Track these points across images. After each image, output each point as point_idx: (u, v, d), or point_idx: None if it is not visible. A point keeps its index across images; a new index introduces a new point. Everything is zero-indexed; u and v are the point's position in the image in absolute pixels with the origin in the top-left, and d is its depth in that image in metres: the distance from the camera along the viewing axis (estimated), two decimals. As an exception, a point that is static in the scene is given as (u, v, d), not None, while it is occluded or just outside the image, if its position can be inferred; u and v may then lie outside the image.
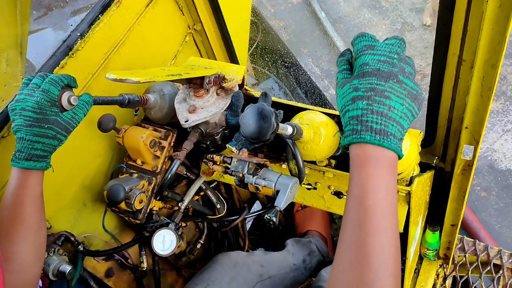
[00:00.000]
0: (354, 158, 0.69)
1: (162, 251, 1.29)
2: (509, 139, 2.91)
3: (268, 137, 0.83)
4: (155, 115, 1.20)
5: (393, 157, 0.68)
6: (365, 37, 0.74)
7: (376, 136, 0.66)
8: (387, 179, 0.67)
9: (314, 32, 3.87)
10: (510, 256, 1.74)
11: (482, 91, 1.02)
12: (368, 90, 0.68)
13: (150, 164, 1.22)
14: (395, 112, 0.68)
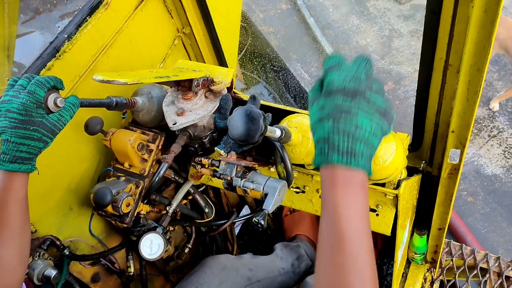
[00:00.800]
0: (324, 180, 0.69)
1: (150, 255, 1.27)
2: (495, 144, 2.95)
3: (256, 140, 0.83)
4: (143, 118, 1.20)
5: (362, 177, 0.68)
6: (333, 57, 0.72)
7: (343, 157, 0.66)
8: (358, 199, 0.67)
9: (303, 38, 3.90)
10: (496, 260, 1.75)
11: (468, 95, 1.03)
12: (334, 109, 0.67)
13: (138, 167, 1.21)
14: (363, 130, 0.67)
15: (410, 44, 3.57)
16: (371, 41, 3.70)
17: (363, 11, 3.93)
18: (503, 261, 1.75)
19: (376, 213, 1.14)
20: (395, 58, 3.54)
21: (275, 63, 3.85)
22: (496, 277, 1.72)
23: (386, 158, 0.99)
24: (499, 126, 3.00)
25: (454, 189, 1.30)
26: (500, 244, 2.58)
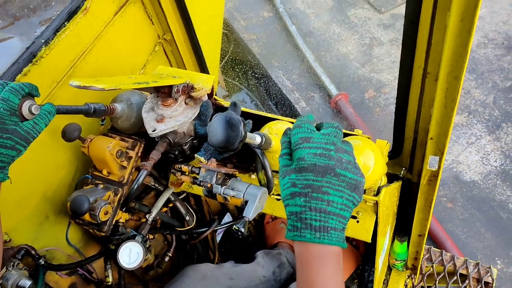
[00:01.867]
0: (298, 255, 0.70)
1: (128, 264, 1.25)
2: (473, 151, 3.00)
3: (236, 146, 0.83)
4: (122, 125, 1.18)
5: (336, 251, 0.69)
6: (302, 128, 0.73)
7: (316, 234, 0.67)
8: (332, 274, 0.68)
9: (285, 46, 3.91)
10: (475, 266, 1.78)
11: (446, 103, 1.04)
12: (306, 187, 0.68)
13: (117, 174, 1.19)
14: (334, 206, 0.68)
15: (390, 52, 3.62)
16: (352, 49, 3.74)
17: (344, 20, 3.98)
18: (482, 267, 1.77)
19: (357, 220, 1.14)
20: (376, 66, 3.58)
21: (256, 70, 3.86)
22: (476, 283, 1.74)
23: (366, 171, 1.00)
24: (477, 133, 3.05)
25: (433, 196, 1.32)
26: (479, 249, 2.61)
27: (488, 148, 2.99)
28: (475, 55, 3.44)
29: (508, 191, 2.79)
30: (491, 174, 2.88)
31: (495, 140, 3.02)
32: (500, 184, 2.83)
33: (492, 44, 3.47)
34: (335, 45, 3.81)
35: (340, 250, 0.70)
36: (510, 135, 3.01)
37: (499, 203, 2.76)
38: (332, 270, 0.68)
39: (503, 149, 2.97)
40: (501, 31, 3.54)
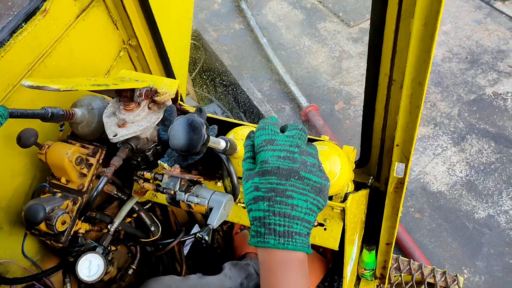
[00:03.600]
0: (261, 262, 0.68)
1: (88, 277, 1.19)
2: (440, 162, 3.06)
3: (198, 149, 0.80)
4: (83, 131, 1.13)
5: (301, 257, 0.66)
6: (265, 130, 0.70)
7: (280, 240, 0.64)
8: (297, 280, 0.66)
9: (256, 58, 3.93)
10: (442, 275, 1.79)
11: (411, 109, 1.05)
12: (269, 191, 0.66)
13: (76, 182, 1.14)
14: (299, 210, 0.66)
15: (359, 65, 3.68)
16: (322, 61, 3.78)
17: (314, 33, 4.03)
18: (449, 275, 1.79)
19: (324, 228, 1.13)
20: (345, 78, 3.63)
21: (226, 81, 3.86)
22: (443, 291, 1.75)
23: (332, 176, 0.98)
24: (443, 145, 3.12)
25: (400, 203, 1.32)
26: (446, 259, 2.64)
27: (454, 159, 3.06)
28: (440, 68, 3.54)
29: (473, 201, 2.85)
30: (457, 185, 2.94)
31: (460, 151, 3.09)
32: (466, 195, 2.89)
33: (457, 59, 3.58)
34: (306, 57, 3.85)
35: (305, 256, 0.67)
36: (474, 147, 3.09)
37: (464, 213, 2.82)
38: (297, 277, 0.65)
39: (468, 160, 3.04)
40: (465, 46, 3.65)
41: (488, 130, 3.15)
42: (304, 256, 0.67)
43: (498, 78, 3.41)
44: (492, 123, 3.18)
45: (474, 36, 3.71)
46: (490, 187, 2.90)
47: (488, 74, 3.44)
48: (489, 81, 3.40)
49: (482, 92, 3.35)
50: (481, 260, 2.62)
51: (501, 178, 2.91)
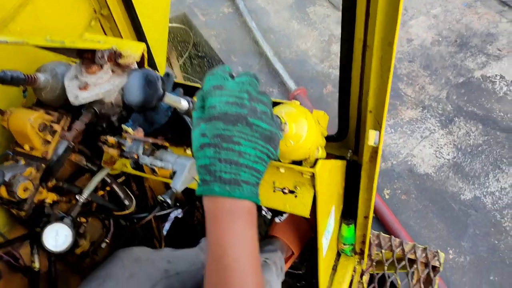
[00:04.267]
0: (207, 212, 0.65)
1: (55, 247, 1.17)
2: (427, 145, 3.04)
3: (154, 104, 0.77)
4: (47, 97, 1.10)
5: (248, 206, 0.64)
6: (214, 76, 0.67)
7: (225, 187, 0.62)
8: (244, 231, 0.63)
9: (245, 41, 3.89)
10: (423, 251, 1.78)
11: (382, 72, 1.02)
12: (215, 137, 0.63)
13: (40, 150, 1.11)
14: (247, 158, 0.63)
15: (348, 49, 3.65)
16: (311, 45, 3.74)
17: (303, 17, 3.99)
18: (430, 251, 1.78)
19: (295, 195, 1.11)
20: (334, 62, 3.60)
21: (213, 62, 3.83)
22: (423, 267, 1.74)
23: (298, 139, 0.95)
24: (431, 128, 3.10)
25: (375, 174, 1.30)
26: (431, 239, 2.63)
27: (441, 141, 3.05)
28: (430, 52, 3.51)
29: (460, 183, 2.84)
30: (444, 167, 2.93)
31: (448, 134, 3.08)
32: (452, 176, 2.88)
33: (446, 42, 3.56)
34: (295, 41, 3.81)
35: (254, 207, 0.65)
36: (462, 129, 3.07)
37: (451, 195, 2.81)
38: (244, 227, 0.63)
39: (455, 142, 3.02)
40: (454, 30, 3.63)
41: (476, 112, 3.14)
42: (252, 206, 0.64)
43: (487, 61, 3.38)
44: (480, 105, 3.16)
45: (464, 19, 3.68)
46: (477, 169, 2.89)
47: (477, 57, 3.41)
48: (478, 64, 3.37)
49: (470, 75, 3.33)
50: (467, 240, 2.61)
51: (488, 160, 2.90)
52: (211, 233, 0.64)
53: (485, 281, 2.44)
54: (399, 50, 3.56)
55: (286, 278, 1.67)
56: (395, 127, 3.14)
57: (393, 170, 2.96)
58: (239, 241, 0.62)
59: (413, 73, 3.41)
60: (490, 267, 2.48)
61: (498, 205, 2.71)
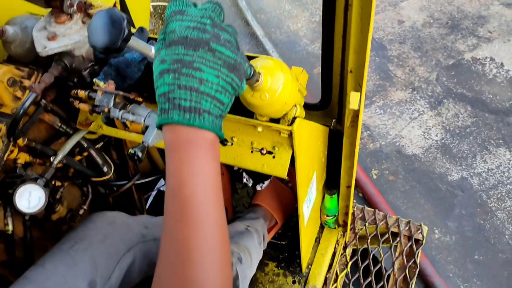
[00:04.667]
0: (166, 143, 0.61)
1: (28, 208, 1.14)
2: (416, 126, 3.03)
3: (118, 45, 0.73)
4: (16, 51, 1.07)
5: (210, 138, 0.61)
6: (176, 2, 0.64)
7: (185, 115, 0.58)
8: (204, 164, 0.60)
9: (235, 22, 3.84)
10: (407, 224, 1.77)
11: (362, 26, 0.99)
12: (175, 62, 0.60)
13: (9, 106, 1.07)
14: (209, 86, 0.60)
15: (339, 30, 3.61)
16: (302, 26, 3.71)
17: (295, -2, 3.95)
18: (413, 225, 1.77)
19: (273, 155, 1.08)
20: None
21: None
22: (407, 241, 1.73)
23: (273, 93, 0.92)
24: (420, 109, 3.09)
25: (356, 139, 1.28)
26: (418, 219, 2.63)
27: (430, 123, 3.03)
28: (421, 34, 3.48)
29: (447, 163, 2.84)
30: (432, 148, 2.92)
31: (437, 115, 3.06)
32: (440, 158, 2.87)
33: (437, 24, 3.53)
34: (285, 21, 3.77)
35: (216, 139, 0.62)
36: (451, 111, 3.06)
37: (438, 176, 2.80)
38: (205, 159, 0.59)
39: (444, 124, 3.01)
40: (446, 11, 3.60)
41: (465, 94, 3.12)
42: (214, 139, 0.61)
43: (477, 43, 3.37)
44: (470, 87, 3.15)
45: (456, 1, 3.65)
46: (465, 150, 2.88)
47: (468, 39, 3.39)
48: (468, 46, 3.36)
49: (461, 57, 3.31)
50: (453, 221, 2.61)
51: (476, 142, 2.90)
52: (169, 164, 0.60)
53: (470, 260, 2.45)
54: (390, 32, 3.53)
55: (268, 249, 1.65)
56: (384, 108, 3.13)
57: (381, 151, 2.95)
58: (199, 173, 0.59)
59: (403, 55, 3.38)
60: (475, 246, 2.49)
61: (484, 186, 2.71)
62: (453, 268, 2.41)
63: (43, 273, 1.02)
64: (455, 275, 2.39)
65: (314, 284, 1.59)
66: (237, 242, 1.34)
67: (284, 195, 1.64)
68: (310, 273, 1.61)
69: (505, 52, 3.28)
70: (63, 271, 1.03)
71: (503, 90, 3.09)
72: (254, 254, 1.37)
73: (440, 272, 2.37)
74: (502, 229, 2.52)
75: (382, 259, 1.68)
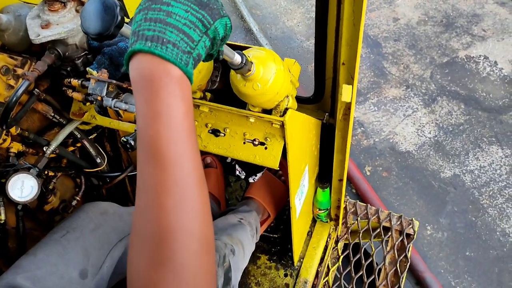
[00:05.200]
0: (132, 83, 0.58)
1: (20, 198, 1.14)
2: (410, 123, 3.05)
3: (111, 31, 0.74)
4: (10, 39, 1.06)
5: (175, 75, 0.56)
6: None
7: (147, 43, 0.55)
8: (168, 101, 0.55)
9: (231, 17, 3.82)
10: (398, 219, 1.78)
11: (355, 19, 1.00)
12: (146, 1, 0.59)
13: (3, 95, 1.07)
14: (176, 18, 0.57)
15: (335, 27, 3.62)
16: (297, 22, 3.71)
17: (291, -5, 3.95)
18: (405, 219, 1.78)
19: (265, 147, 1.09)
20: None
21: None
22: (398, 235, 1.75)
23: (265, 83, 0.93)
24: (414, 106, 3.11)
25: (348, 132, 1.29)
26: (410, 216, 2.61)
27: (424, 120, 3.05)
28: (415, 31, 3.50)
29: (440, 161, 2.86)
30: (425, 145, 2.94)
31: (430, 112, 3.08)
32: (433, 155, 2.89)
33: (432, 22, 3.55)
34: (281, 17, 3.78)
35: (184, 78, 0.57)
36: (444, 108, 3.08)
37: (431, 173, 2.82)
38: (168, 95, 0.54)
39: (437, 121, 3.03)
40: (441, 10, 3.62)
41: (459, 92, 3.14)
42: (180, 76, 0.57)
43: (471, 41, 3.39)
44: (463, 85, 3.17)
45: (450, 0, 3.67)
46: (458, 147, 2.90)
47: (462, 38, 3.41)
48: (462, 44, 3.38)
49: (455, 55, 3.33)
50: (445, 217, 2.63)
51: (469, 139, 2.92)
52: (136, 104, 0.57)
53: (461, 257, 2.47)
54: (385, 29, 3.55)
55: (260, 242, 1.66)
56: (379, 105, 3.14)
57: (375, 148, 2.96)
58: (163, 111, 0.54)
59: (398, 52, 3.40)
60: (466, 243, 2.51)
61: (476, 183, 2.73)
62: (445, 264, 2.43)
63: (34, 261, 1.02)
64: (446, 271, 2.41)
65: (306, 277, 1.60)
66: (230, 234, 1.35)
67: (277, 188, 1.64)
68: (302, 266, 1.62)
69: (499, 51, 3.30)
70: (54, 260, 1.04)
71: (497, 89, 3.11)
72: (247, 246, 1.38)
73: (431, 268, 2.39)
74: (494, 226, 2.54)
75: (373, 253, 1.69)
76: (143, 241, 0.54)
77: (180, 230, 0.53)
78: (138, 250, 0.55)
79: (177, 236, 0.53)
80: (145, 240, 0.54)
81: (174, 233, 0.53)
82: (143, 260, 0.54)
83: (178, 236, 0.53)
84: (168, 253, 0.52)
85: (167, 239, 0.53)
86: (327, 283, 1.65)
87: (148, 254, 0.54)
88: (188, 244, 0.54)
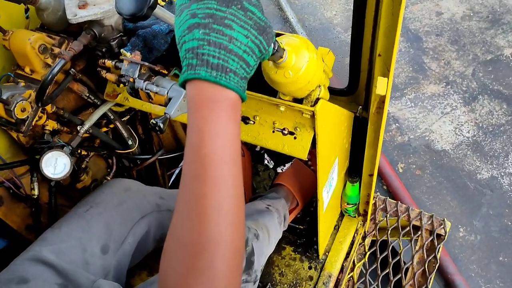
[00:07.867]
0: (189, 99, 0.60)
1: (53, 174, 1.17)
2: (447, 121, 2.95)
3: (145, 11, 0.74)
4: (49, 19, 1.09)
5: (233, 98, 0.59)
6: None
7: (212, 72, 0.57)
8: (226, 123, 0.59)
9: (269, 7, 3.81)
10: (429, 218, 1.73)
11: (393, 8, 0.97)
12: (207, 16, 0.58)
13: (40, 73, 1.10)
14: (237, 45, 0.59)
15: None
16: (336, 13, 3.65)
17: (331, -15, 3.88)
18: (436, 219, 1.73)
19: (294, 136, 1.07)
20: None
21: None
22: (428, 235, 1.70)
23: (297, 71, 0.91)
24: (453, 104, 3.00)
25: (381, 127, 1.25)
26: (443, 216, 2.55)
27: (462, 119, 2.95)
28: (459, 26, 3.37)
29: (477, 161, 2.76)
30: (463, 145, 2.84)
31: (470, 111, 2.97)
32: (471, 155, 2.79)
33: (477, 17, 3.41)
34: (320, 8, 3.72)
35: (239, 100, 0.61)
36: (485, 107, 2.96)
37: (467, 173, 2.73)
38: (227, 119, 0.59)
39: (477, 120, 2.92)
40: (487, 5, 3.47)
41: (501, 91, 3.01)
42: (237, 100, 0.60)
43: (519, 39, 3.23)
44: (507, 84, 3.04)
45: (499, -6, 3.51)
46: (497, 148, 2.79)
47: (509, 35, 3.26)
48: (508, 42, 3.23)
49: (500, 52, 3.19)
50: (479, 220, 2.54)
51: (509, 141, 2.80)
52: (191, 121, 0.60)
53: (494, 261, 2.38)
54: (427, 23, 3.43)
55: (286, 233, 1.65)
56: (416, 101, 3.05)
57: (409, 145, 2.89)
58: (220, 132, 0.58)
59: (439, 47, 3.28)
60: (500, 247, 2.42)
61: (515, 187, 2.62)
62: (476, 268, 2.36)
63: (59, 235, 1.06)
64: (477, 275, 2.33)
65: (331, 271, 1.59)
66: (256, 219, 1.34)
67: (307, 177, 1.62)
68: (327, 260, 1.60)
69: (548, 50, 3.14)
70: (78, 234, 1.07)
71: (543, 89, 2.97)
72: (272, 233, 1.37)
73: (462, 271, 2.32)
74: (531, 232, 2.44)
75: (401, 251, 1.65)
76: (183, 248, 0.58)
77: (220, 242, 0.58)
78: (178, 256, 0.59)
79: (217, 248, 0.58)
80: (186, 248, 0.58)
81: (214, 244, 0.57)
82: (182, 266, 0.58)
83: (218, 247, 0.58)
84: (208, 262, 0.57)
85: (208, 250, 0.57)
86: (351, 279, 1.63)
87: (188, 261, 0.58)
88: (225, 255, 0.58)
